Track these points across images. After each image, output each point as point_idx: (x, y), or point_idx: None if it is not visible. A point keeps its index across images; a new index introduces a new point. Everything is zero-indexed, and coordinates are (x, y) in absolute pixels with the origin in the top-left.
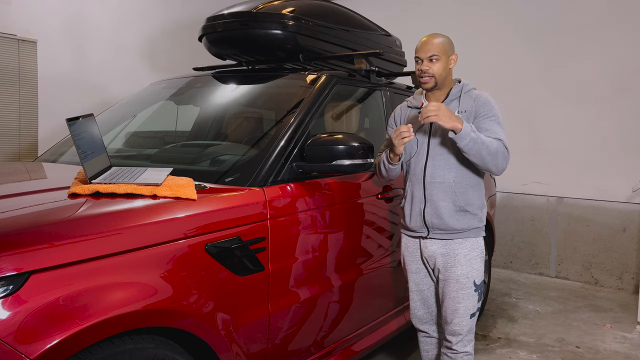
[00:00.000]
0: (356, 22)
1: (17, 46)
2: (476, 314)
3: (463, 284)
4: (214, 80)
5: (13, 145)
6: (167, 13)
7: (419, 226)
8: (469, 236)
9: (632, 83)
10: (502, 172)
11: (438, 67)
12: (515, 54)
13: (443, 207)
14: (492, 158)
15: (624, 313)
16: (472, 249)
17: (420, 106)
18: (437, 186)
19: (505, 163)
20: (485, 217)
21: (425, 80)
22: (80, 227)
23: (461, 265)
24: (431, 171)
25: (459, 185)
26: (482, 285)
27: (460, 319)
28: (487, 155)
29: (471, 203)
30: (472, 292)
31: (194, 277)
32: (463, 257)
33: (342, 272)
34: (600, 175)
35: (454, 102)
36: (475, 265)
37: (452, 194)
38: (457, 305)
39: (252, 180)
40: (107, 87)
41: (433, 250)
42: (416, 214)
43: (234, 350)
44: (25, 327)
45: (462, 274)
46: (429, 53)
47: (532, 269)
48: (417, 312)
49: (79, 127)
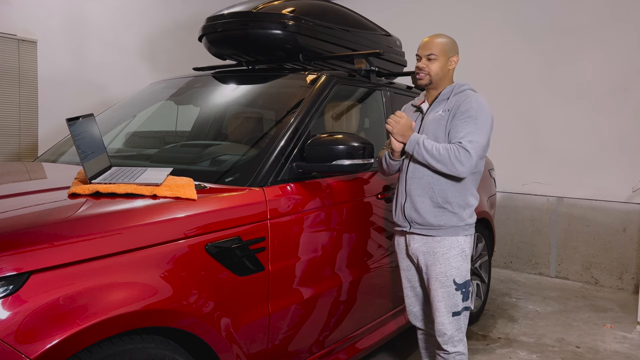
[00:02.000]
0: (356, 22)
1: (17, 46)
2: (462, 314)
3: (442, 282)
4: (214, 80)
5: (13, 145)
6: (167, 13)
7: (401, 220)
8: (447, 234)
9: (632, 83)
10: (463, 173)
11: (435, 67)
12: (516, 54)
13: (420, 202)
14: (442, 165)
15: (624, 313)
16: (450, 248)
17: (418, 105)
18: (416, 181)
19: (463, 166)
20: (469, 216)
21: (420, 77)
22: (80, 227)
23: (440, 264)
24: (412, 167)
25: (437, 182)
26: (466, 284)
27: (441, 317)
28: (437, 164)
29: (450, 201)
30: (452, 291)
31: (194, 277)
32: (441, 256)
33: (342, 272)
34: (600, 175)
35: (443, 102)
36: (454, 264)
37: (429, 190)
38: (438, 304)
39: (252, 180)
40: (107, 87)
41: (416, 247)
42: (399, 208)
43: (234, 350)
44: (25, 327)
45: (441, 272)
46: (427, 51)
47: (532, 269)
48: (412, 308)
49: (79, 127)
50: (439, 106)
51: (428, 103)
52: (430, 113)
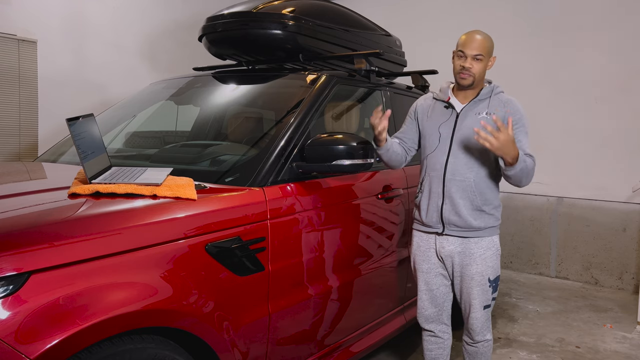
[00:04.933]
0: (356, 22)
1: (17, 46)
2: (491, 305)
3: (478, 281)
4: (214, 80)
5: (13, 145)
6: (167, 13)
7: (434, 222)
8: (485, 235)
9: (632, 83)
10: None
11: (480, 67)
12: (516, 53)
13: (461, 205)
14: (527, 180)
15: (624, 313)
16: (487, 248)
17: (447, 100)
18: (457, 184)
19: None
20: (500, 215)
21: (464, 77)
22: (80, 227)
23: (477, 264)
24: (452, 168)
25: (478, 185)
26: (497, 279)
27: (475, 313)
28: (525, 179)
29: (488, 203)
30: (486, 288)
31: (194, 277)
32: (479, 257)
33: (342, 272)
34: (600, 175)
35: (484, 103)
36: (490, 263)
37: (470, 193)
38: (473, 301)
39: (252, 180)
40: (107, 87)
41: (450, 249)
42: (433, 210)
43: (234, 350)
44: (25, 327)
45: (477, 272)
46: (475, 51)
47: (532, 269)
48: (425, 311)
49: (79, 127)
50: (478, 107)
51: (460, 102)
52: (468, 113)
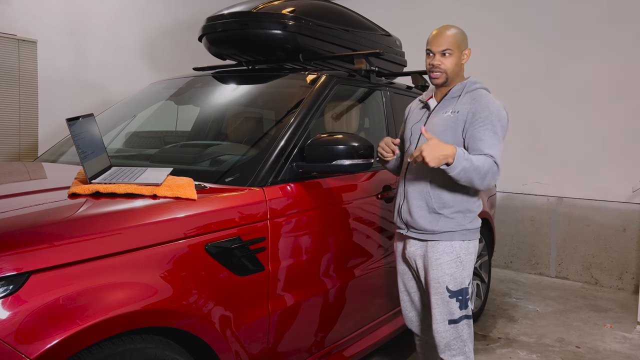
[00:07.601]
0: (356, 22)
1: (17, 46)
2: (460, 322)
3: (435, 288)
4: (214, 80)
5: (13, 145)
6: (167, 13)
7: (399, 222)
8: (442, 239)
9: (632, 83)
10: (487, 188)
11: (450, 62)
12: (516, 54)
13: (415, 206)
14: (481, 181)
15: (624, 313)
16: (444, 253)
17: (426, 101)
18: (414, 185)
19: (493, 181)
20: (469, 222)
21: (436, 76)
22: (80, 227)
23: (433, 269)
24: (412, 169)
25: (435, 187)
26: (462, 292)
27: (437, 325)
28: (477, 180)
29: (448, 206)
30: (446, 298)
31: (194, 277)
32: (434, 261)
33: (342, 272)
34: (600, 175)
35: (452, 101)
36: (447, 270)
37: (426, 195)
38: (433, 310)
39: (252, 180)
40: (107, 87)
41: (412, 251)
42: (396, 210)
43: (234, 350)
44: (25, 327)
45: (434, 278)
46: (441, 47)
47: (532, 269)
48: (408, 313)
49: (79, 127)
50: (448, 106)
51: (436, 100)
52: (438, 112)
